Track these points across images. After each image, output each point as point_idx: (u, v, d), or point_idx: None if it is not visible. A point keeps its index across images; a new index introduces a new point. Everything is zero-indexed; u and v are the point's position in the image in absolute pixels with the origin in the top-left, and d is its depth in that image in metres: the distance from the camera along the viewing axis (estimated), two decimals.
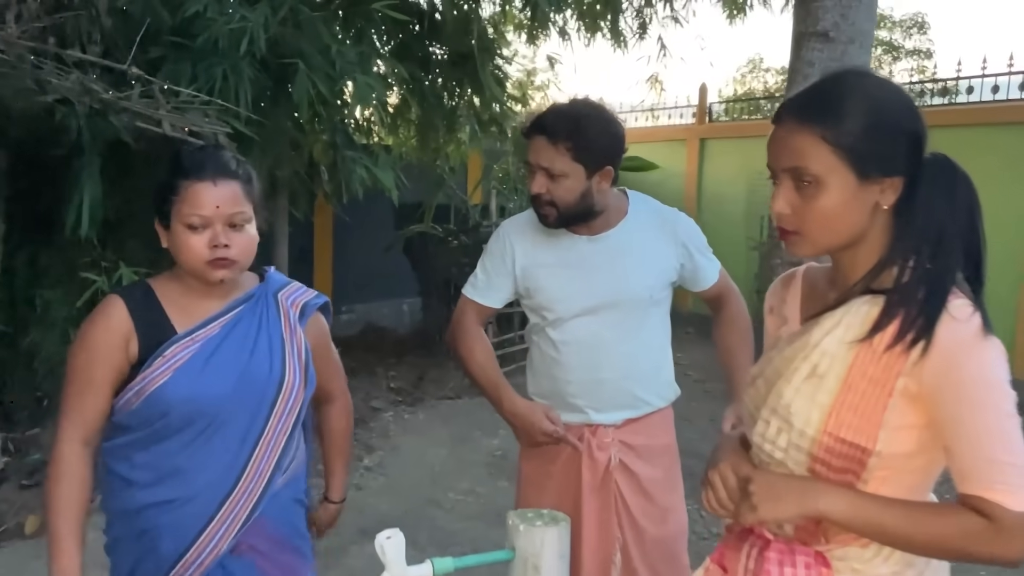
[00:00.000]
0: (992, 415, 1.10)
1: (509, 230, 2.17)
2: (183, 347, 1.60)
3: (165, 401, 1.58)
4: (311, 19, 4.14)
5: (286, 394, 1.68)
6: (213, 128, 3.30)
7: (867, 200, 1.20)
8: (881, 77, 1.28)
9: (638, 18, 7.25)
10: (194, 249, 1.56)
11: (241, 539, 1.66)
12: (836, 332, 1.22)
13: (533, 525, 1.56)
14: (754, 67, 15.81)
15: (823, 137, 1.18)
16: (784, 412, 1.24)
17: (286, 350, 1.70)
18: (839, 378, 1.20)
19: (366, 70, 4.34)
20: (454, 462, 4.88)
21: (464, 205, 7.76)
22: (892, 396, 1.16)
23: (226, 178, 1.59)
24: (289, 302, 1.75)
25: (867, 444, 1.17)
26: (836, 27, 2.87)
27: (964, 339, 1.12)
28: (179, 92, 3.39)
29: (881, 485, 1.19)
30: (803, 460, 1.23)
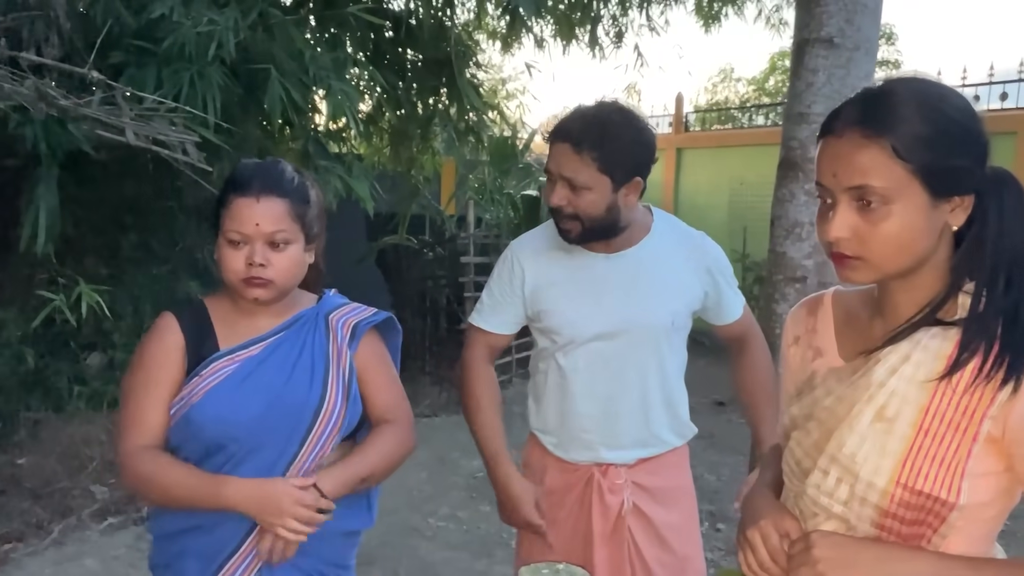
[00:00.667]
0: None
1: (517, 249, 1.97)
2: (220, 366, 1.54)
3: (196, 422, 1.51)
4: (283, 23, 3.97)
5: (324, 419, 1.55)
6: (180, 137, 3.09)
7: (939, 221, 1.06)
8: (942, 83, 1.12)
9: (615, 26, 7.18)
10: (231, 265, 1.51)
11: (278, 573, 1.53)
12: (905, 370, 1.07)
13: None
14: (725, 77, 15.85)
15: (895, 151, 1.03)
16: (847, 461, 1.09)
17: (329, 373, 1.58)
18: (912, 423, 1.05)
19: (340, 77, 4.16)
20: (433, 485, 4.69)
21: (440, 216, 7.59)
22: (977, 442, 1.02)
23: (272, 195, 1.52)
24: (340, 323, 1.64)
25: (948, 496, 1.03)
26: (841, 33, 2.75)
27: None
28: (143, 99, 3.18)
29: (957, 536, 1.06)
30: (869, 515, 1.08)
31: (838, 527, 1.13)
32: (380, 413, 1.65)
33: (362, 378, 1.64)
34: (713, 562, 3.76)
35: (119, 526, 3.95)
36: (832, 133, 1.10)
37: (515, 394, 6.85)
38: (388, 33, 5.42)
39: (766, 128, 8.71)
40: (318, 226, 1.60)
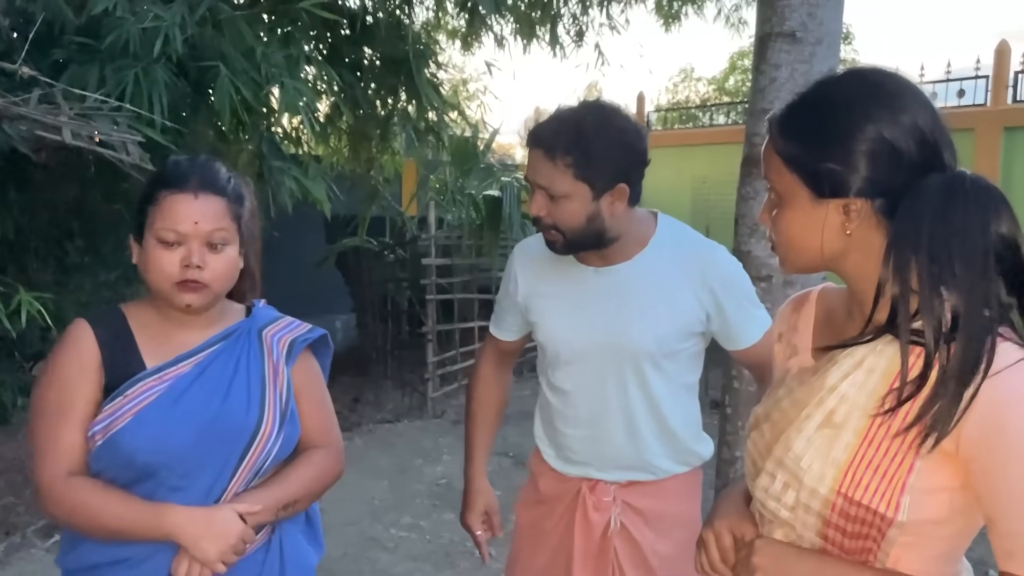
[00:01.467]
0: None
1: (517, 254, 1.89)
2: (148, 386, 1.41)
3: (125, 447, 1.37)
4: (233, 19, 3.83)
5: (260, 443, 1.45)
6: (122, 136, 2.96)
7: (829, 221, 1.04)
8: (868, 80, 1.05)
9: (575, 25, 7.13)
10: (164, 268, 1.39)
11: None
12: (856, 376, 1.02)
13: None
14: (686, 76, 15.91)
15: (776, 150, 1.08)
16: (793, 466, 1.05)
17: (266, 394, 1.47)
18: (858, 431, 1.00)
19: (294, 74, 4.03)
20: (395, 494, 4.58)
21: (400, 217, 7.47)
22: (919, 455, 0.96)
23: (211, 192, 1.42)
24: (275, 339, 1.54)
25: (887, 511, 0.97)
26: (803, 27, 2.71)
27: (1011, 394, 0.92)
28: (85, 97, 3.04)
29: (904, 552, 0.99)
30: (813, 523, 1.03)
31: (787, 534, 1.08)
32: (309, 437, 1.55)
33: (297, 399, 1.54)
34: None
35: None
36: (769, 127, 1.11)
37: None
38: (344, 31, 5.30)
39: (727, 127, 8.73)
40: (251, 229, 1.50)
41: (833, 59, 2.80)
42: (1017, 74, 6.36)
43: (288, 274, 7.92)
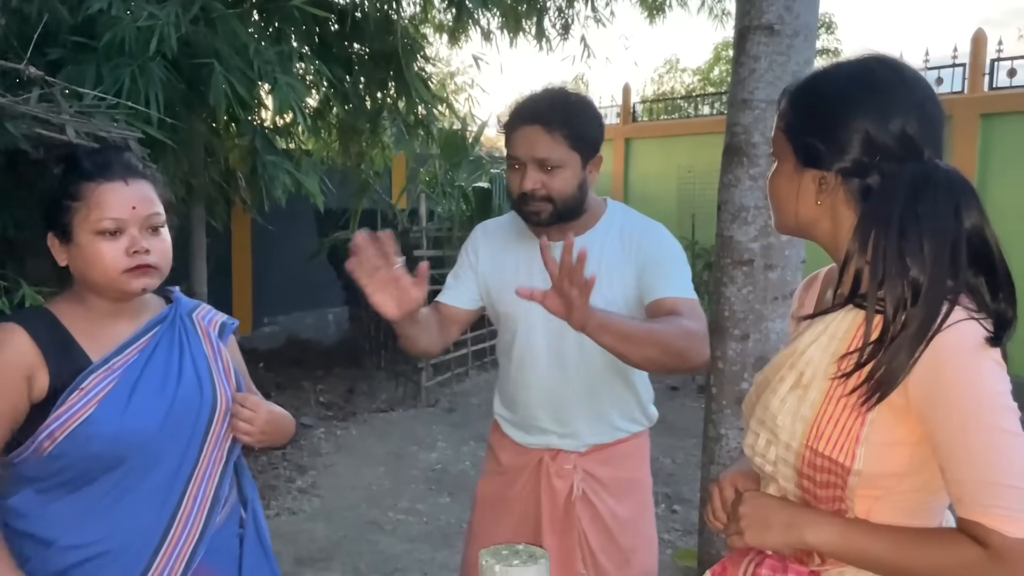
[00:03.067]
0: (986, 433, 0.99)
1: (479, 231, 2.04)
2: (102, 377, 1.41)
3: (91, 439, 1.38)
4: (225, 17, 3.90)
5: (220, 418, 1.52)
6: (122, 133, 3.03)
7: (804, 188, 1.17)
8: (876, 69, 1.14)
9: (561, 18, 7.20)
10: (109, 258, 1.38)
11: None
12: (822, 340, 1.13)
13: (510, 565, 1.40)
14: (671, 68, 16.00)
15: (779, 120, 1.22)
16: (771, 424, 1.16)
17: (213, 372, 1.54)
18: (822, 390, 1.11)
19: (286, 70, 4.11)
20: (392, 479, 4.68)
21: (391, 210, 7.55)
22: (872, 409, 1.06)
23: (137, 177, 1.44)
24: (207, 321, 1.61)
25: (845, 461, 1.07)
26: (781, 20, 2.81)
27: (951, 347, 1.01)
28: (83, 95, 3.11)
29: (875, 505, 1.10)
30: (790, 475, 1.15)
31: (776, 488, 1.19)
32: None
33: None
34: (670, 543, 3.83)
35: None
36: None
37: (471, 386, 6.87)
38: (333, 27, 5.37)
39: (712, 117, 8.83)
40: (169, 213, 1.52)
41: (809, 51, 2.90)
42: (993, 62, 6.48)
43: (280, 268, 8.02)
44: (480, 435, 5.47)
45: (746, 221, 2.92)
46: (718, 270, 3.06)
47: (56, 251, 1.44)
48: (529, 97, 1.86)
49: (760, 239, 2.91)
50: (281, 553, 3.66)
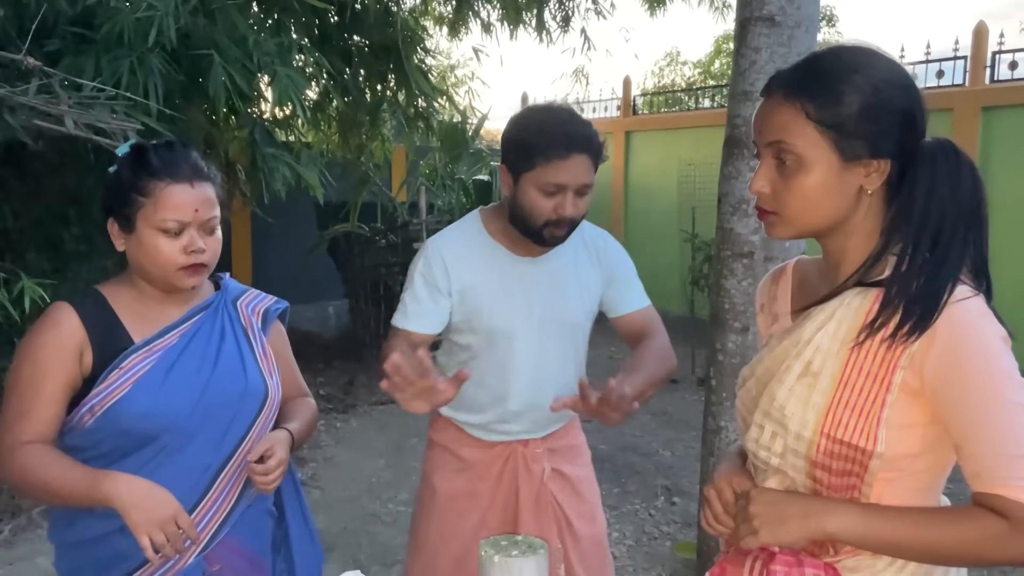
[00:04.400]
0: (1003, 407, 1.01)
1: (443, 250, 1.95)
2: (141, 358, 1.49)
3: (124, 417, 1.46)
4: (225, 8, 3.89)
5: (269, 407, 1.59)
6: (121, 124, 3.03)
7: (850, 183, 1.12)
8: (880, 53, 1.17)
9: (561, 10, 7.20)
10: (167, 255, 1.47)
11: (210, 556, 1.54)
12: (828, 327, 1.13)
13: (509, 555, 1.40)
14: (672, 60, 15.97)
15: (806, 112, 1.11)
16: (778, 415, 1.15)
17: (260, 362, 1.61)
18: (834, 376, 1.11)
19: (286, 62, 4.10)
20: (392, 472, 4.69)
21: (391, 203, 7.54)
22: (891, 392, 1.07)
23: (201, 180, 1.50)
24: (250, 309, 1.66)
25: (867, 445, 1.08)
26: (782, 11, 2.80)
27: (964, 327, 1.04)
28: (82, 86, 3.11)
29: (886, 488, 1.11)
30: (802, 466, 1.14)
31: (780, 481, 1.18)
32: (290, 391, 1.73)
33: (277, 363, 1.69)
34: (669, 535, 3.83)
35: None
36: (765, 94, 1.17)
37: None
38: (333, 18, 5.36)
39: (713, 110, 8.81)
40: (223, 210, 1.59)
41: (811, 42, 2.89)
42: (995, 54, 6.46)
43: (280, 260, 8.02)
44: None
45: (746, 213, 2.92)
46: (718, 262, 3.06)
47: (115, 236, 1.51)
48: (571, 122, 1.83)
49: (760, 231, 2.91)
50: None
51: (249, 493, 1.59)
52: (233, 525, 1.57)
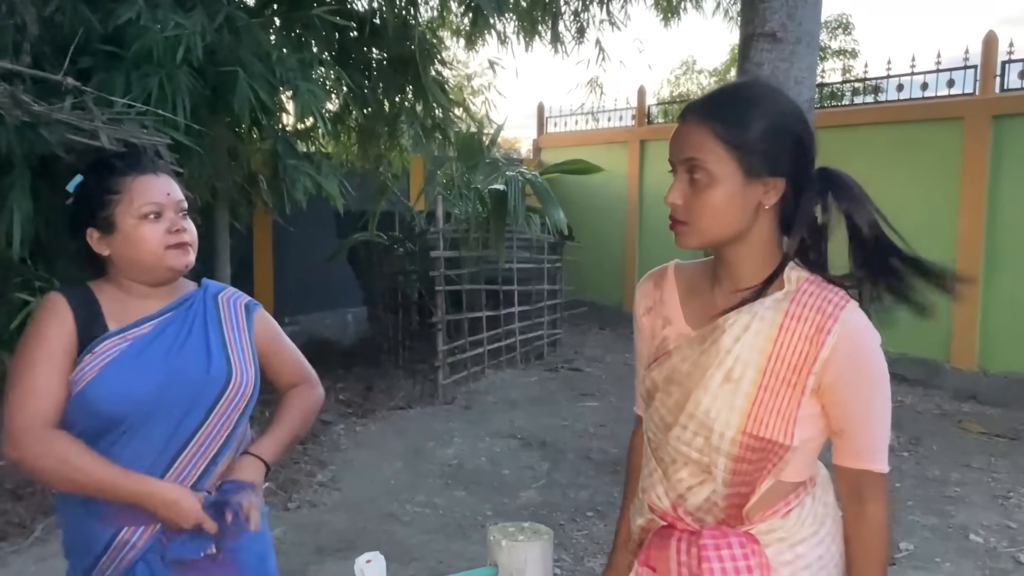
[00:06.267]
0: (883, 402, 1.25)
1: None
2: (112, 344, 1.57)
3: (92, 399, 1.53)
4: (249, 26, 4.04)
5: (232, 392, 1.65)
6: (151, 139, 3.17)
7: (751, 198, 1.25)
8: (779, 90, 1.36)
9: (576, 22, 7.31)
10: (153, 238, 1.57)
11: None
12: (746, 338, 1.26)
13: (516, 540, 1.52)
14: (688, 69, 16.03)
15: (717, 134, 1.24)
16: (703, 417, 1.27)
17: (230, 349, 1.68)
18: (753, 382, 1.24)
19: (307, 77, 4.24)
20: (409, 474, 4.80)
21: (409, 212, 7.68)
22: (804, 394, 1.23)
23: (161, 171, 1.64)
24: (232, 303, 1.75)
25: (785, 440, 1.23)
26: (784, 28, 2.89)
27: (859, 334, 1.22)
28: (113, 102, 3.25)
29: (787, 467, 1.27)
30: (720, 460, 1.27)
31: (692, 471, 1.31)
32: (288, 375, 1.82)
33: (266, 351, 1.77)
34: None
35: None
36: (681, 119, 1.31)
37: (487, 384, 6.99)
38: (353, 33, 5.50)
39: None
40: None
41: (812, 57, 2.99)
42: (1004, 63, 6.52)
43: (301, 268, 8.18)
44: (495, 431, 5.59)
45: None
46: None
47: (97, 243, 1.60)
48: None
49: None
50: (303, 543, 3.80)
51: (207, 480, 1.64)
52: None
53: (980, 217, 6.55)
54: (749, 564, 1.26)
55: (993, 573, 3.57)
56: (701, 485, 1.30)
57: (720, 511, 1.30)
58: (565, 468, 4.92)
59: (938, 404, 6.46)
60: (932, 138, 6.90)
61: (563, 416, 6.04)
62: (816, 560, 1.30)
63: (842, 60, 15.13)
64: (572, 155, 9.71)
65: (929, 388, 6.79)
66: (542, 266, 8.26)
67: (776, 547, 1.28)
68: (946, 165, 6.78)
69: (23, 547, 3.77)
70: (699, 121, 1.26)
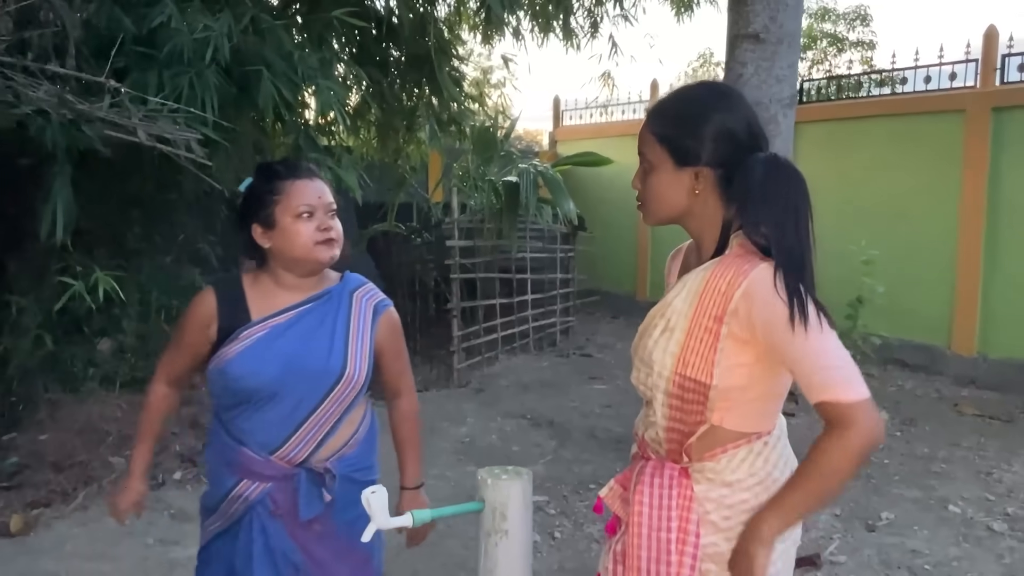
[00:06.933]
0: (813, 338, 1.31)
1: None
2: (253, 332, 1.86)
3: (229, 376, 1.85)
4: (272, 27, 4.29)
5: (345, 383, 1.89)
6: (184, 135, 3.43)
7: (684, 183, 1.49)
8: (718, 90, 1.57)
9: (589, 17, 7.50)
10: (305, 234, 1.83)
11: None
12: (682, 294, 1.49)
13: (500, 479, 1.77)
14: (705, 61, 16.16)
15: (653, 131, 1.52)
16: (648, 359, 1.52)
17: (350, 345, 1.91)
18: (684, 330, 1.47)
19: (328, 75, 4.49)
20: (424, 450, 5.03)
21: (426, 203, 7.95)
22: (720, 339, 1.42)
23: (315, 177, 1.91)
24: (364, 300, 1.97)
25: (706, 379, 1.43)
26: (766, 29, 3.09)
27: (760, 284, 1.36)
28: (147, 100, 3.51)
29: (726, 415, 1.45)
30: (662, 397, 1.50)
31: (648, 408, 1.57)
32: (390, 380, 2.06)
33: (381, 351, 1.99)
34: None
35: None
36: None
37: (500, 369, 7.25)
38: (372, 32, 5.74)
39: None
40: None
41: (793, 55, 3.21)
42: (1004, 57, 6.66)
43: None
44: (507, 412, 5.85)
45: None
46: None
47: (259, 237, 1.88)
48: None
49: None
50: None
51: (316, 455, 1.90)
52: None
53: (980, 206, 6.70)
54: (672, 494, 1.48)
55: (967, 539, 3.79)
56: (652, 421, 1.54)
57: (662, 446, 1.53)
58: (571, 445, 5.17)
59: (937, 389, 6.65)
60: (935, 130, 7.06)
61: (572, 398, 6.29)
62: (739, 503, 1.46)
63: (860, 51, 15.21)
64: (587, 147, 9.92)
65: (931, 374, 6.98)
66: (555, 256, 8.50)
67: (706, 485, 1.48)
68: (948, 156, 6.94)
69: (66, 512, 4.07)
70: (647, 120, 1.54)
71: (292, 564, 1.91)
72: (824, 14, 15.38)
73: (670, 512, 1.48)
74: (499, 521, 1.76)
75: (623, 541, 1.56)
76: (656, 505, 1.50)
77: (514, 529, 1.75)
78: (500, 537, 1.75)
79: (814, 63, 15.23)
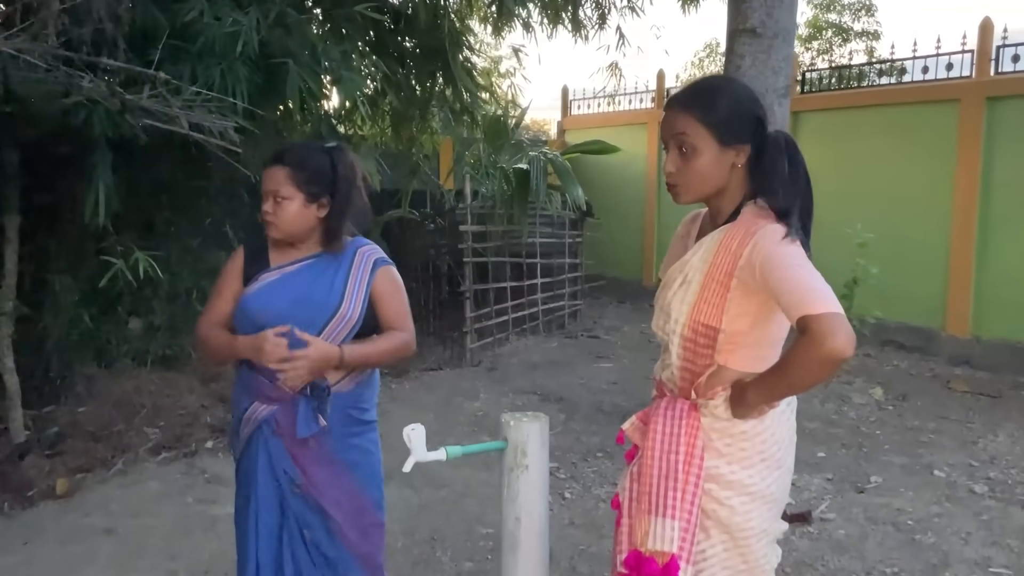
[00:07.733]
0: (798, 269, 1.54)
1: None
2: (269, 276, 2.25)
3: (246, 310, 2.22)
4: (298, 21, 4.53)
5: (339, 318, 2.23)
6: (220, 123, 3.69)
7: (726, 161, 1.72)
8: (733, 79, 1.88)
9: (597, 9, 7.71)
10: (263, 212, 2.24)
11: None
12: (699, 253, 1.75)
13: (521, 421, 2.04)
14: (711, 52, 16.34)
15: (696, 117, 1.71)
16: (667, 308, 1.80)
17: (348, 288, 2.26)
18: (699, 283, 1.73)
19: (348, 67, 4.74)
20: (440, 423, 5.35)
21: (439, 190, 8.19)
22: (730, 291, 1.67)
23: (279, 164, 2.22)
24: (365, 256, 2.31)
25: (716, 324, 1.69)
26: (763, 24, 3.32)
27: (764, 237, 1.60)
28: (181, 90, 3.76)
29: (730, 355, 1.71)
30: (678, 341, 1.76)
31: (665, 353, 1.83)
32: (388, 323, 2.32)
33: (377, 299, 2.28)
34: None
35: (172, 459, 4.61)
36: (668, 107, 1.79)
37: (511, 349, 7.52)
38: (389, 25, 5.98)
39: None
40: (318, 188, 2.22)
41: (788, 49, 3.45)
42: (999, 48, 6.86)
43: None
44: (517, 388, 6.12)
45: None
46: None
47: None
48: None
49: None
50: None
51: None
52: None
53: (974, 193, 6.93)
54: (681, 423, 1.75)
55: (949, 500, 4.05)
56: (668, 363, 1.80)
57: (676, 385, 1.80)
58: (579, 418, 5.45)
59: (931, 368, 6.90)
60: (931, 118, 7.28)
61: (580, 375, 6.56)
62: (738, 433, 1.72)
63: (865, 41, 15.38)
64: (595, 136, 10.15)
65: (926, 355, 7.22)
66: (563, 241, 8.75)
67: (710, 418, 1.74)
68: (944, 143, 7.17)
69: (107, 477, 4.36)
70: (682, 108, 1.73)
71: (291, 480, 2.23)
72: (830, 4, 15.55)
73: (679, 439, 1.75)
74: (520, 457, 2.02)
75: (639, 463, 1.83)
76: (668, 433, 1.77)
77: (533, 464, 2.01)
78: (521, 471, 2.01)
79: (819, 52, 15.41)
